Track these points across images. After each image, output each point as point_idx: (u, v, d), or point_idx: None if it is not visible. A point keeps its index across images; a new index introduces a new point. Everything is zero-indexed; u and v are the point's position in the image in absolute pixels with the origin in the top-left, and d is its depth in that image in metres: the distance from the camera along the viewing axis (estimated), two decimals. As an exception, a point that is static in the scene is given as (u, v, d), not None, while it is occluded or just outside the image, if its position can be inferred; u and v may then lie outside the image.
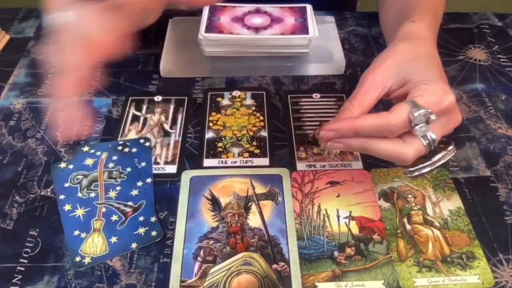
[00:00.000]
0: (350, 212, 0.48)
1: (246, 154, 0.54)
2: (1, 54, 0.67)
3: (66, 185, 0.50)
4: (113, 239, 0.46)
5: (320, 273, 0.44)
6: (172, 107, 0.59)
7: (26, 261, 0.44)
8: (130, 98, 0.60)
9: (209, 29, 0.62)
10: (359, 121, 0.41)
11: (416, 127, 0.40)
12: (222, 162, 0.53)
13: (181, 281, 0.43)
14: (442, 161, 0.43)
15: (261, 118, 0.58)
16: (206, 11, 0.65)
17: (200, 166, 0.53)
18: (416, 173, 0.44)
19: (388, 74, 0.44)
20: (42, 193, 0.50)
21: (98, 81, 0.62)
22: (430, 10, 0.53)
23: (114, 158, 0.53)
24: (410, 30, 0.49)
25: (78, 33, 0.44)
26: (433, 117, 0.40)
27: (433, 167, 0.44)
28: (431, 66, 0.45)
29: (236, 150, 0.54)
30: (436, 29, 0.52)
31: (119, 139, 0.55)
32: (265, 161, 0.53)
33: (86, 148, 0.54)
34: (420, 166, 0.43)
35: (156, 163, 0.53)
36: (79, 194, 0.49)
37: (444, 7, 0.60)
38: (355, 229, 0.47)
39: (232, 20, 0.64)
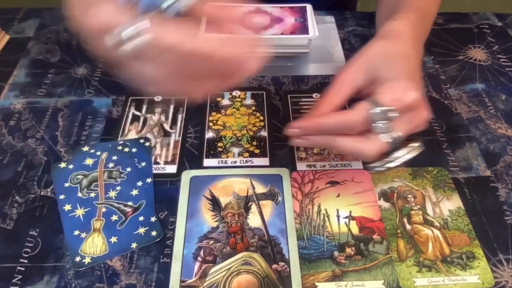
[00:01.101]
0: (350, 212, 0.48)
1: (246, 154, 0.54)
2: (1, 54, 0.67)
3: (66, 185, 0.50)
4: (113, 239, 0.46)
5: (320, 273, 0.44)
6: (172, 107, 0.59)
7: (26, 261, 0.44)
8: (130, 98, 0.60)
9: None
10: (321, 119, 0.43)
11: (377, 124, 0.41)
12: (222, 162, 0.53)
13: (181, 281, 0.43)
14: (406, 158, 0.44)
15: (261, 118, 0.58)
16: (206, 11, 0.65)
17: (200, 166, 0.53)
18: (378, 169, 0.45)
19: (358, 73, 0.45)
20: (42, 193, 0.50)
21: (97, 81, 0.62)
22: (416, 9, 0.52)
23: (114, 158, 0.53)
24: (390, 28, 0.49)
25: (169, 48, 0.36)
26: (393, 114, 0.41)
27: (395, 164, 0.44)
28: (401, 64, 0.45)
29: (236, 150, 0.54)
30: (421, 27, 0.51)
31: (119, 139, 0.55)
32: (265, 161, 0.53)
33: (86, 148, 0.54)
34: (382, 162, 0.44)
35: (156, 163, 0.53)
36: (79, 194, 0.49)
37: (438, 5, 0.59)
38: (355, 229, 0.47)
39: (232, 20, 0.64)
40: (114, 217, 0.48)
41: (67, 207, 0.48)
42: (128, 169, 0.52)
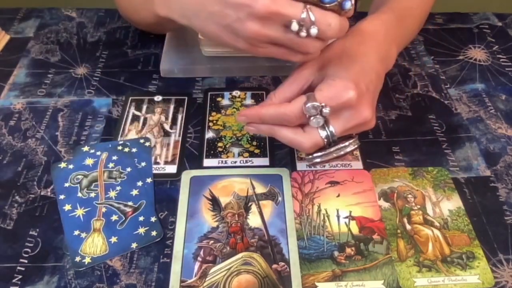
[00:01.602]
0: (350, 212, 0.48)
1: (246, 154, 0.54)
2: (1, 54, 0.67)
3: (66, 185, 0.50)
4: (113, 239, 0.46)
5: (320, 273, 0.44)
6: (172, 107, 0.59)
7: (26, 261, 0.44)
8: (130, 98, 0.60)
9: None
10: (262, 110, 0.45)
11: (311, 118, 0.43)
12: (222, 162, 0.53)
13: (181, 281, 0.43)
14: (339, 153, 0.46)
15: (261, 118, 0.58)
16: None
17: (200, 166, 0.53)
18: (312, 161, 0.47)
19: (312, 69, 0.47)
20: (42, 193, 0.50)
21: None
22: (394, 10, 0.52)
23: (114, 158, 0.53)
24: (359, 27, 0.50)
25: None
26: (326, 110, 0.42)
27: (326, 158, 0.46)
28: (351, 63, 0.45)
29: (236, 150, 0.54)
30: (395, 29, 0.51)
31: (119, 139, 0.55)
32: (265, 161, 0.53)
33: (86, 148, 0.54)
34: (315, 155, 0.46)
35: (156, 163, 0.53)
36: (79, 194, 0.49)
37: (425, 8, 0.58)
38: (355, 229, 0.47)
39: (232, 20, 0.64)
40: (114, 217, 0.48)
41: (67, 207, 0.48)
42: (128, 169, 0.52)
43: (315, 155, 0.46)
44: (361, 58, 0.46)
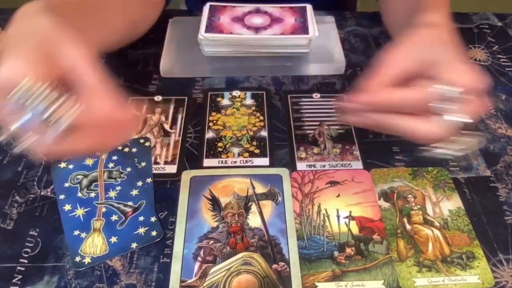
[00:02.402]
0: (350, 212, 0.48)
1: (246, 154, 0.54)
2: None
3: (66, 185, 0.50)
4: (113, 239, 0.46)
5: (320, 273, 0.44)
6: (172, 107, 0.59)
7: (26, 261, 0.44)
8: (130, 98, 0.60)
9: (209, 29, 0.62)
10: (385, 94, 0.40)
11: (440, 105, 0.38)
12: (222, 162, 0.53)
13: (181, 281, 0.43)
14: (465, 146, 0.41)
15: (261, 118, 0.58)
16: (206, 11, 0.65)
17: (200, 166, 0.53)
18: (433, 152, 0.41)
19: (406, 56, 0.42)
20: (42, 193, 0.50)
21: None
22: (443, 3, 0.51)
23: (114, 158, 0.53)
24: (426, 19, 0.47)
25: None
26: (461, 96, 0.38)
27: (452, 149, 0.41)
28: (452, 50, 0.43)
29: (236, 150, 0.54)
30: (451, 19, 0.49)
31: (119, 139, 0.55)
32: (265, 161, 0.53)
33: (86, 148, 0.54)
34: (436, 145, 0.41)
35: (156, 163, 0.53)
36: (79, 194, 0.49)
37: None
38: (355, 229, 0.47)
39: (232, 20, 0.64)
40: (114, 217, 0.48)
41: (67, 207, 0.48)
42: (128, 169, 0.52)
43: (436, 145, 0.41)
44: (453, 45, 0.43)
